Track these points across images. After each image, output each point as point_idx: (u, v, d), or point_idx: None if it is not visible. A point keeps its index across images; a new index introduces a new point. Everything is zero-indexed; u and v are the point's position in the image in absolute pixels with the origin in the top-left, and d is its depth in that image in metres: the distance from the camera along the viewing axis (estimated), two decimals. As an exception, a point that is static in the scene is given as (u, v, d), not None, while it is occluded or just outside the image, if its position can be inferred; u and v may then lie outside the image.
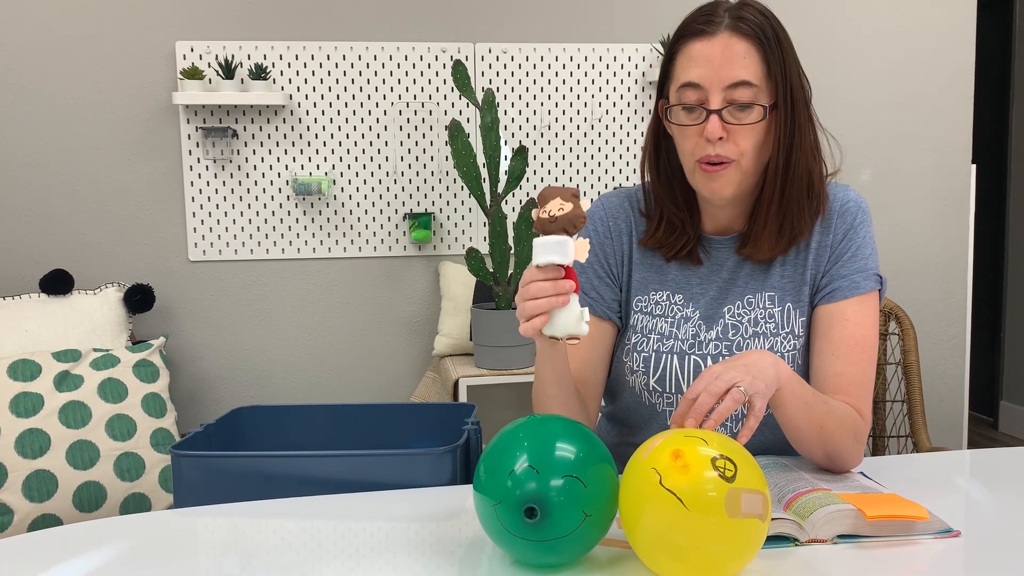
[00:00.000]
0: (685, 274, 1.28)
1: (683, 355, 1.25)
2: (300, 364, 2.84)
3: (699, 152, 1.16)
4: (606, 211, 1.33)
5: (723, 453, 0.83)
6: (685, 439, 0.85)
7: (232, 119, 2.71)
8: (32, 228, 2.67)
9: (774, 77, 1.16)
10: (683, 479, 0.81)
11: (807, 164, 1.21)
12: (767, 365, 1.03)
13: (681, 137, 1.19)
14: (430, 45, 2.79)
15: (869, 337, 1.21)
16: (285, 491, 1.20)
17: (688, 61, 1.17)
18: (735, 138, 1.15)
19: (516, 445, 0.89)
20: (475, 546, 0.98)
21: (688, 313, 1.27)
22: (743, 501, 0.80)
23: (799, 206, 1.21)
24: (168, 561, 0.96)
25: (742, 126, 1.15)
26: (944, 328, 3.12)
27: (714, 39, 1.15)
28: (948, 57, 3.04)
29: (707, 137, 1.14)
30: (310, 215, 2.78)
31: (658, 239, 1.28)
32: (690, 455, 0.83)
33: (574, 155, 2.89)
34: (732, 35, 1.15)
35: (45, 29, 2.62)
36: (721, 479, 0.81)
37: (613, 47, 2.86)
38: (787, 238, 1.22)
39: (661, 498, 0.81)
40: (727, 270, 1.27)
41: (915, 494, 1.07)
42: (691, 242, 1.27)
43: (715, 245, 1.28)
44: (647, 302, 1.29)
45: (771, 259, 1.25)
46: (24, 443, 2.19)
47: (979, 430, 4.16)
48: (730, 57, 1.14)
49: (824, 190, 1.24)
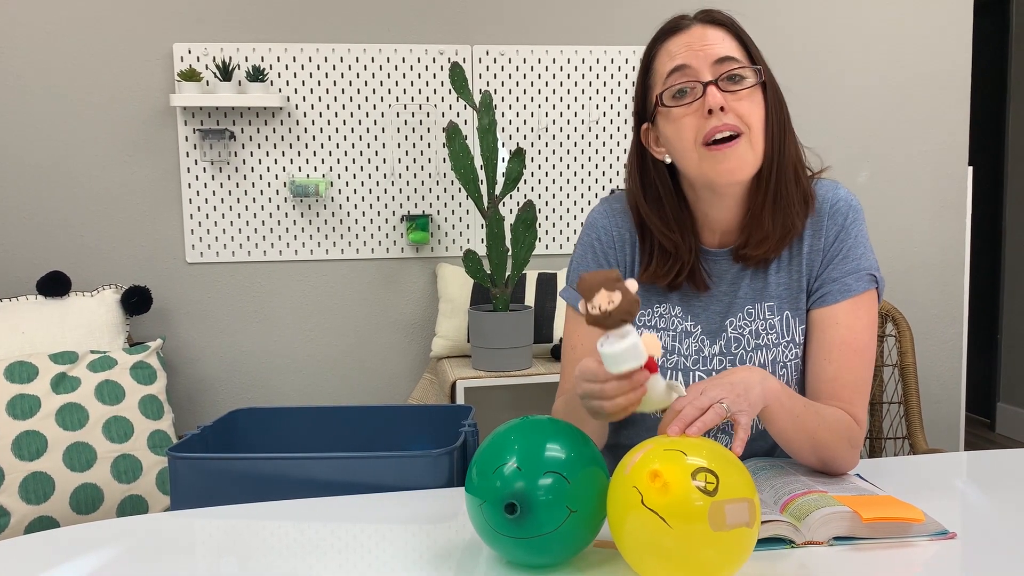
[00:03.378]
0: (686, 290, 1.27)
1: (687, 372, 1.24)
2: (297, 366, 2.84)
3: (703, 131, 1.14)
4: (610, 219, 1.30)
5: (704, 465, 0.82)
6: (664, 454, 0.84)
7: (229, 121, 2.71)
8: (29, 230, 2.67)
9: (753, 59, 1.19)
10: (664, 499, 0.80)
11: (795, 148, 1.22)
12: (754, 383, 1.02)
13: (678, 128, 1.16)
14: (427, 47, 2.79)
15: (863, 340, 1.20)
16: (282, 493, 1.19)
17: (668, 55, 1.19)
18: (736, 108, 1.14)
19: (506, 446, 0.90)
20: (471, 548, 0.98)
21: (689, 327, 1.25)
22: (727, 512, 0.79)
23: (788, 193, 1.20)
24: (165, 563, 0.96)
25: (739, 93, 1.15)
26: (941, 330, 3.12)
27: (689, 31, 1.18)
28: (944, 58, 3.05)
29: (709, 107, 1.13)
30: (307, 217, 2.78)
31: (652, 273, 1.25)
32: (669, 474, 0.81)
33: (571, 157, 2.90)
34: (705, 26, 1.19)
35: (42, 31, 2.62)
36: (703, 495, 0.80)
37: (610, 49, 2.86)
38: (781, 229, 1.21)
39: (644, 516, 0.81)
40: (727, 283, 1.26)
41: (911, 496, 1.07)
42: (688, 265, 1.24)
43: (714, 258, 1.26)
44: (650, 315, 1.27)
45: (767, 259, 1.23)
46: (21, 445, 2.19)
47: (976, 432, 4.17)
48: (709, 40, 1.17)
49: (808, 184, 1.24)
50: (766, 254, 1.22)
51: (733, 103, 1.14)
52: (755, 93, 1.16)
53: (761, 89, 1.17)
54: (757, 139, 1.16)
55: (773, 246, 1.21)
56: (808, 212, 1.23)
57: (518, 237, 2.49)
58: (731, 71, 1.14)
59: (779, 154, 1.19)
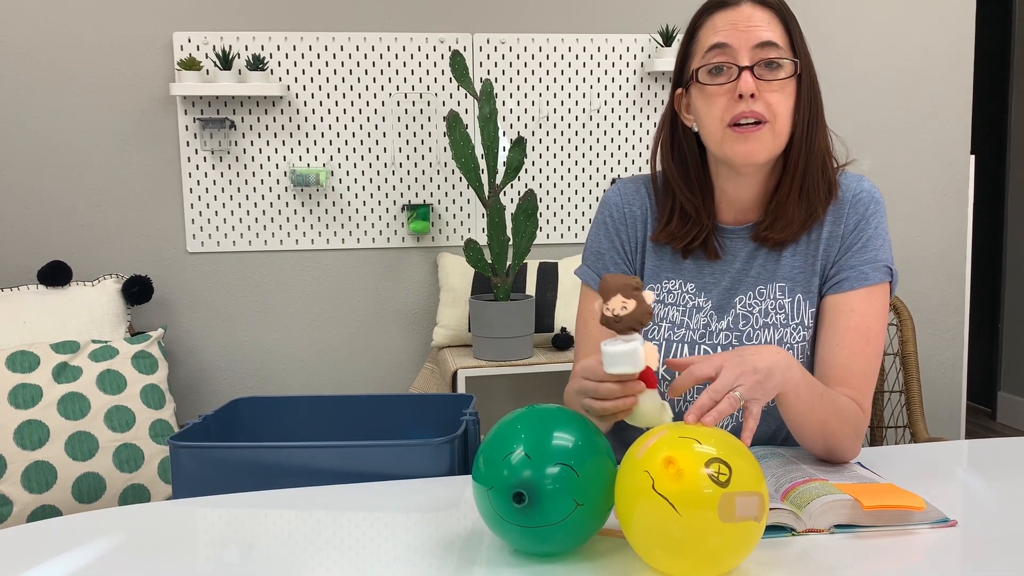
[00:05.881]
0: (699, 264, 1.29)
1: (694, 345, 1.26)
2: (298, 355, 2.84)
3: (730, 113, 1.17)
4: (622, 197, 1.33)
5: (718, 455, 0.82)
6: (679, 441, 0.84)
7: (230, 110, 2.71)
8: (30, 220, 2.67)
9: (795, 48, 1.20)
10: (676, 486, 0.80)
11: (825, 138, 1.24)
12: (777, 370, 1.02)
13: (708, 105, 1.19)
14: (428, 36, 2.78)
15: (875, 329, 1.21)
16: (284, 482, 1.20)
17: (712, 29, 1.20)
18: (766, 97, 1.17)
19: (514, 434, 0.90)
20: (473, 536, 0.98)
21: (700, 303, 1.27)
22: (737, 505, 0.80)
23: (815, 182, 1.23)
24: (167, 552, 0.96)
25: (773, 83, 1.17)
26: (942, 319, 3.12)
27: (738, 8, 1.19)
28: (947, 47, 3.04)
29: (740, 92, 1.15)
30: (308, 206, 2.78)
31: (670, 232, 1.28)
32: (683, 460, 0.81)
33: (572, 146, 2.89)
34: (755, 6, 1.19)
35: (42, 20, 2.61)
36: (715, 485, 0.80)
37: (612, 38, 2.85)
38: (804, 214, 1.23)
39: (654, 501, 0.81)
40: (740, 260, 1.27)
41: (912, 484, 1.07)
42: (704, 232, 1.26)
43: (729, 235, 1.28)
44: (660, 290, 1.30)
45: (785, 243, 1.25)
46: (23, 434, 2.20)
47: (977, 420, 4.17)
48: (755, 21, 1.18)
49: (835, 175, 1.26)
50: (787, 238, 1.24)
51: (764, 91, 1.16)
52: (788, 84, 1.18)
53: (796, 80, 1.19)
54: (781, 129, 1.18)
55: (795, 231, 1.24)
56: (832, 200, 1.25)
57: (519, 226, 2.49)
58: (769, 58, 1.17)
59: (808, 144, 1.21)
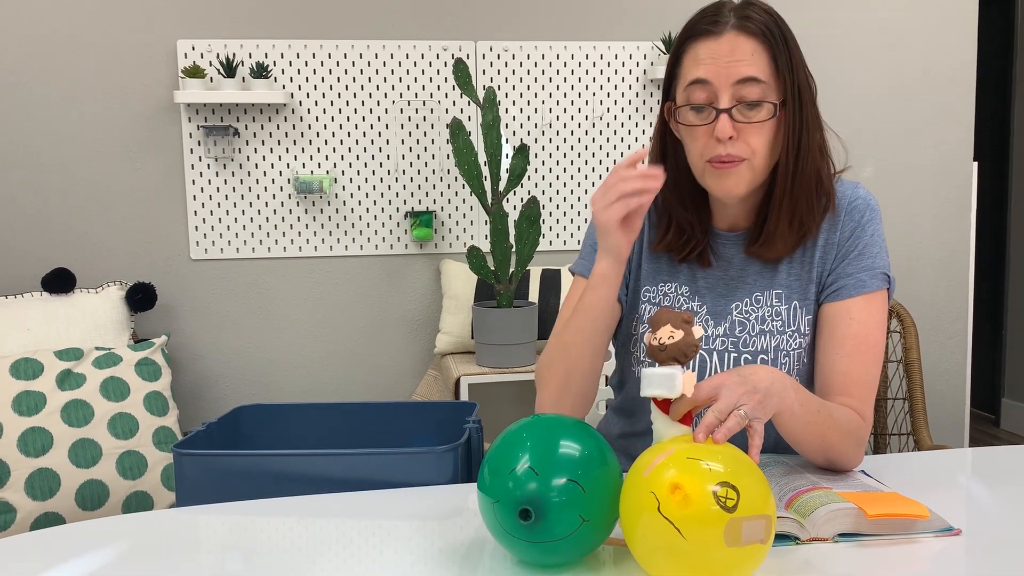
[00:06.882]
0: (693, 268, 1.29)
1: None
2: (302, 362, 2.84)
3: (709, 152, 1.16)
4: None
5: (726, 478, 0.81)
6: (687, 463, 0.82)
7: (233, 117, 2.71)
8: (34, 227, 2.67)
9: (782, 75, 1.16)
10: (682, 512, 0.79)
11: (815, 162, 1.21)
12: (774, 392, 1.01)
13: (690, 138, 1.19)
14: (431, 43, 2.79)
15: (874, 336, 1.21)
16: (287, 490, 1.20)
17: (695, 61, 1.17)
18: (745, 137, 1.15)
19: (519, 445, 0.89)
20: (476, 545, 0.98)
21: (694, 307, 1.27)
22: (744, 529, 0.79)
23: (808, 204, 1.21)
24: (170, 560, 0.96)
25: (752, 124, 1.15)
26: (946, 325, 3.11)
27: (721, 38, 1.15)
28: (950, 53, 3.04)
29: (717, 136, 1.14)
30: (311, 213, 2.79)
31: (668, 243, 1.28)
32: (690, 486, 0.80)
33: (575, 153, 2.89)
34: (739, 34, 1.15)
35: (47, 28, 2.62)
36: (721, 510, 0.79)
37: (614, 45, 2.86)
38: (796, 236, 1.22)
39: (659, 523, 0.80)
40: (735, 267, 1.27)
41: (916, 492, 1.07)
42: (700, 244, 1.27)
43: (723, 242, 1.28)
44: (655, 293, 1.30)
45: (780, 258, 1.25)
46: (26, 441, 2.20)
47: (981, 428, 4.16)
48: (738, 55, 1.14)
49: (832, 188, 1.24)
50: (778, 255, 1.24)
51: (743, 132, 1.15)
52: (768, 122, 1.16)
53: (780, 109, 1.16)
54: (760, 164, 1.17)
55: (789, 250, 1.24)
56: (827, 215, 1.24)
57: (522, 233, 2.49)
58: (748, 100, 1.14)
59: (795, 171, 1.19)
